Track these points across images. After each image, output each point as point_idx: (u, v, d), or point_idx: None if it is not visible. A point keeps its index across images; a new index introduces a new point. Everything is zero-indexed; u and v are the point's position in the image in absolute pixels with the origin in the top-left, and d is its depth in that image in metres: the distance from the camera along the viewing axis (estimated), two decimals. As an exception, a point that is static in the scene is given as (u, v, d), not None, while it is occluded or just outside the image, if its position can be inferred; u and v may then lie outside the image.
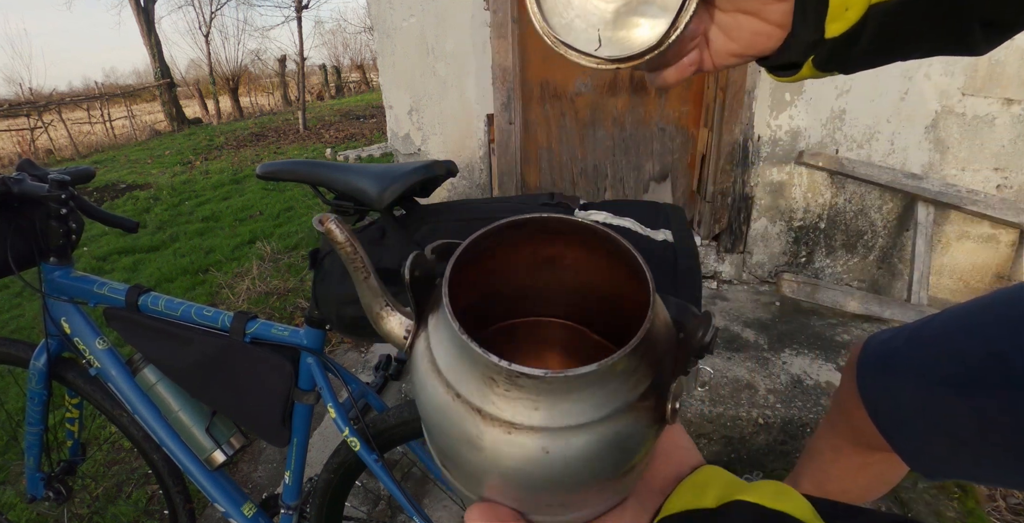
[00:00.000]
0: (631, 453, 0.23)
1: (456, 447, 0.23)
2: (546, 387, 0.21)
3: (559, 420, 0.21)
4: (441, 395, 0.23)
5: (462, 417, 0.22)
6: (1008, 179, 2.09)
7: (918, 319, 0.73)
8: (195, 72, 19.43)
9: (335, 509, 1.04)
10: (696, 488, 0.27)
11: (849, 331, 2.02)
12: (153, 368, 1.01)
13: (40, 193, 0.92)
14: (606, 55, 0.31)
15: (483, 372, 0.21)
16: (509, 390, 0.21)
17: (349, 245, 0.27)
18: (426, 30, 2.32)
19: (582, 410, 0.21)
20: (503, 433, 0.21)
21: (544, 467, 0.22)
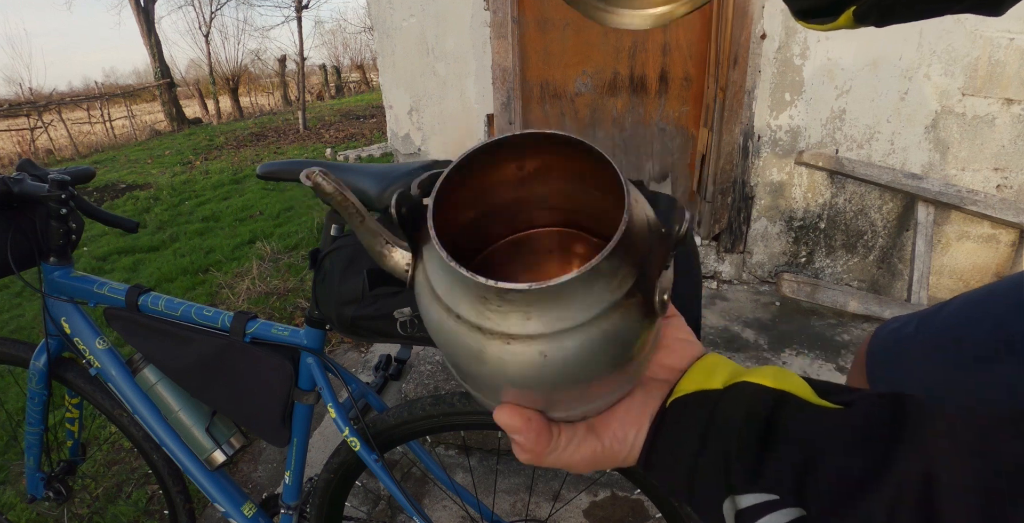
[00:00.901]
0: (626, 347, 0.25)
1: (466, 363, 0.25)
2: (533, 298, 0.22)
3: (551, 326, 0.23)
4: (443, 319, 0.24)
5: (464, 336, 0.24)
6: (1008, 179, 2.09)
7: (928, 307, 0.73)
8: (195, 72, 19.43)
9: (335, 509, 1.04)
10: (704, 372, 0.29)
11: (849, 331, 2.02)
12: (153, 368, 1.01)
13: (40, 193, 0.92)
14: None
15: (475, 292, 0.23)
16: (501, 305, 0.23)
17: (339, 194, 0.28)
18: (426, 30, 2.32)
19: (572, 314, 0.23)
20: (503, 344, 0.23)
21: (545, 370, 0.23)
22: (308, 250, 1.82)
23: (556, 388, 0.25)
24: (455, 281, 0.24)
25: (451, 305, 0.24)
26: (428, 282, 0.25)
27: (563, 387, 0.25)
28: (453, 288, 0.24)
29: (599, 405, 0.29)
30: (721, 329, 2.05)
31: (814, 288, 2.14)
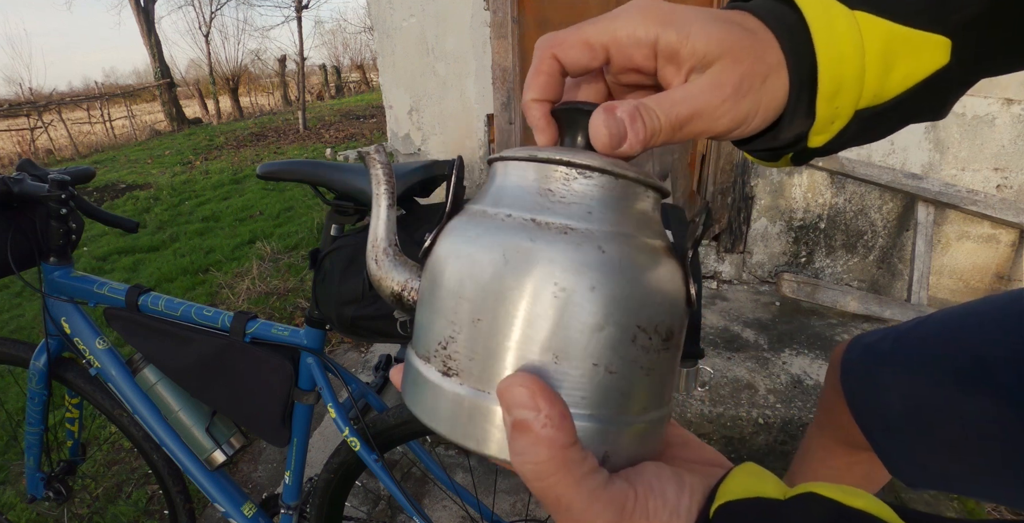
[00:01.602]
0: (672, 303, 0.23)
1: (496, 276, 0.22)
2: (598, 191, 0.23)
3: (610, 225, 0.23)
4: (487, 225, 0.23)
5: (513, 231, 0.22)
6: (1008, 179, 2.09)
7: (905, 322, 0.73)
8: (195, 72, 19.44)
9: (335, 509, 1.04)
10: (753, 476, 0.23)
11: (849, 331, 2.02)
12: (153, 368, 1.01)
13: (40, 193, 0.92)
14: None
15: (540, 187, 0.24)
16: (564, 196, 0.23)
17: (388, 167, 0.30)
18: (426, 30, 2.32)
19: (629, 223, 0.23)
20: (559, 233, 0.22)
21: (601, 268, 0.21)
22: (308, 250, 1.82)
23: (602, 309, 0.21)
24: (518, 181, 0.24)
25: (503, 208, 0.24)
26: (476, 208, 0.25)
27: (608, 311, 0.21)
28: (510, 191, 0.24)
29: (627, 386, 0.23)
30: (721, 329, 2.05)
31: (814, 288, 2.14)
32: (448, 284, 0.23)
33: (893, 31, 0.25)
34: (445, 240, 0.25)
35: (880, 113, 0.27)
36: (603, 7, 2.25)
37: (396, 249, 0.29)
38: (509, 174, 0.25)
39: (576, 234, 0.22)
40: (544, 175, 0.24)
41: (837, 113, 0.27)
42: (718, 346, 1.93)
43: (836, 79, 0.25)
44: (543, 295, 0.21)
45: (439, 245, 0.25)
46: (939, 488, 0.70)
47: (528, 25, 2.30)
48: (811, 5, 0.26)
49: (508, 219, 0.23)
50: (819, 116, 0.27)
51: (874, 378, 0.72)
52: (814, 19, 0.25)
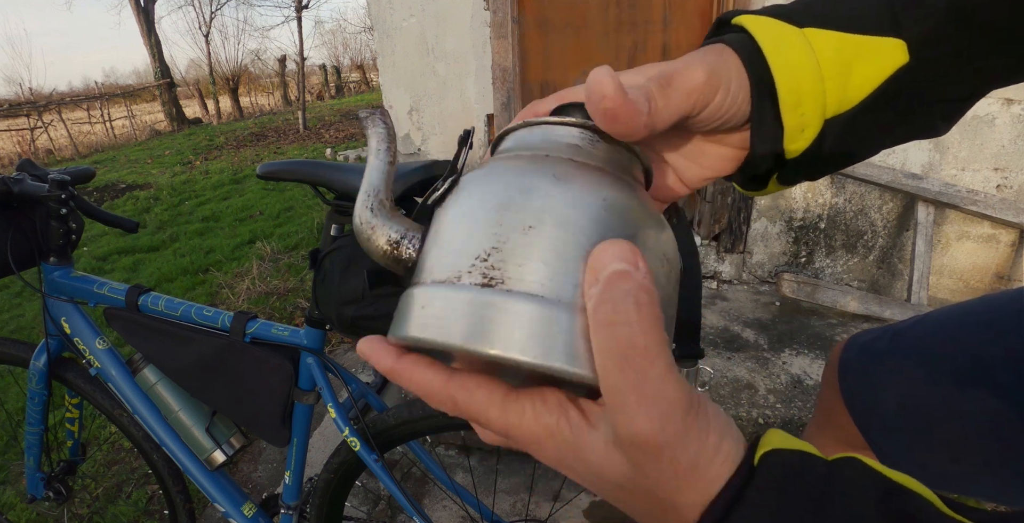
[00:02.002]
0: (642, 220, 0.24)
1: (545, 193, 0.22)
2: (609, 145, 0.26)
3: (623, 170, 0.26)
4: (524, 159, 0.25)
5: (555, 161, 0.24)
6: (1008, 179, 2.09)
7: (902, 320, 0.73)
8: (195, 72, 19.44)
9: (335, 509, 1.04)
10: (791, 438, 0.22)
11: (849, 331, 2.02)
12: (153, 368, 1.01)
13: (40, 193, 0.92)
14: None
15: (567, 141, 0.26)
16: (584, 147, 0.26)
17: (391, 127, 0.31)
18: (426, 30, 2.32)
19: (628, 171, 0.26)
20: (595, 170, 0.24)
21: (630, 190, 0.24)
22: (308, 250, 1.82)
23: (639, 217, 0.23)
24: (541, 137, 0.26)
25: (537, 150, 0.25)
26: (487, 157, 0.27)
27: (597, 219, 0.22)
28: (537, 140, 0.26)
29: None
30: (721, 329, 2.05)
31: (814, 288, 2.14)
32: (487, 202, 0.22)
33: (844, 40, 0.28)
34: (475, 175, 0.25)
35: (852, 120, 0.28)
36: (602, 8, 2.25)
37: (392, 203, 0.28)
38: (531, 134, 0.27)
39: (599, 144, 0.26)
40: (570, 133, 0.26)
41: (805, 121, 0.28)
42: (718, 346, 1.93)
43: (794, 89, 0.27)
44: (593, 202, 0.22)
45: (467, 180, 0.25)
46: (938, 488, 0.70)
47: (528, 25, 2.30)
48: (760, 30, 0.28)
49: (546, 157, 0.24)
50: (787, 125, 0.28)
51: (871, 377, 0.72)
52: (763, 39, 0.28)
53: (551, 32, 2.31)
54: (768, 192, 0.34)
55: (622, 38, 2.28)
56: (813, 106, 0.28)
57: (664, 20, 2.23)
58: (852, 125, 0.29)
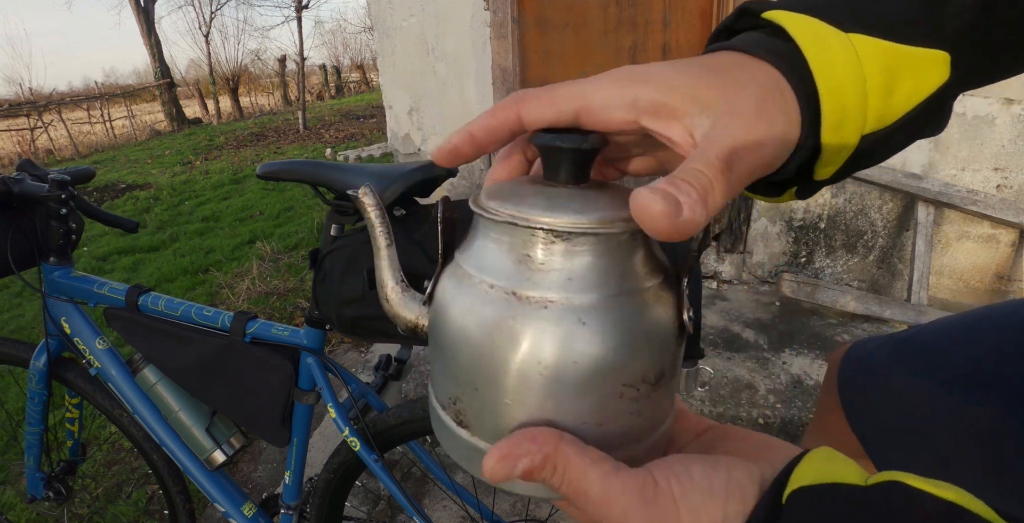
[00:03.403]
0: (662, 345, 0.24)
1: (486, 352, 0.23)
2: (580, 250, 0.23)
3: (591, 290, 0.22)
4: (473, 295, 0.23)
5: (496, 306, 0.23)
6: (1008, 179, 2.09)
7: (904, 330, 0.73)
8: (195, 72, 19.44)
9: (335, 509, 1.04)
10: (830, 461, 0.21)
11: (849, 331, 2.02)
12: (153, 368, 1.01)
13: (40, 193, 0.92)
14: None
15: (517, 252, 0.23)
16: (544, 263, 0.23)
17: (379, 209, 0.29)
18: (426, 30, 2.32)
19: (612, 282, 0.23)
20: (539, 309, 0.22)
21: (582, 341, 0.22)
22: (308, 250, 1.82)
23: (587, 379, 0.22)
24: (497, 249, 0.24)
25: (487, 277, 0.23)
26: (459, 270, 0.25)
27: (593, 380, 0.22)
28: (492, 258, 0.24)
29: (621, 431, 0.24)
30: (721, 329, 2.05)
31: (814, 288, 2.14)
32: (446, 351, 0.25)
33: (892, 51, 0.24)
34: (439, 300, 0.25)
35: (885, 136, 0.26)
36: (602, 8, 2.25)
37: (404, 285, 0.29)
38: (489, 232, 0.25)
39: (556, 308, 0.22)
40: (522, 240, 0.23)
41: (844, 143, 0.25)
42: (718, 346, 1.93)
43: (839, 109, 0.24)
44: (529, 372, 0.22)
45: (435, 303, 0.26)
46: None
47: (528, 25, 2.30)
48: (803, 33, 0.24)
49: (491, 291, 0.23)
50: (825, 147, 0.25)
51: (870, 386, 0.71)
52: (810, 50, 0.24)
53: (551, 32, 2.31)
54: (783, 201, 0.32)
55: (622, 38, 2.28)
56: (854, 127, 0.25)
57: (664, 20, 2.23)
58: (883, 141, 0.26)
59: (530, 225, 0.22)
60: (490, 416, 0.24)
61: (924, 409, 0.64)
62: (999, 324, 0.60)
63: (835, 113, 0.24)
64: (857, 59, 0.24)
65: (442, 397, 0.26)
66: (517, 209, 0.23)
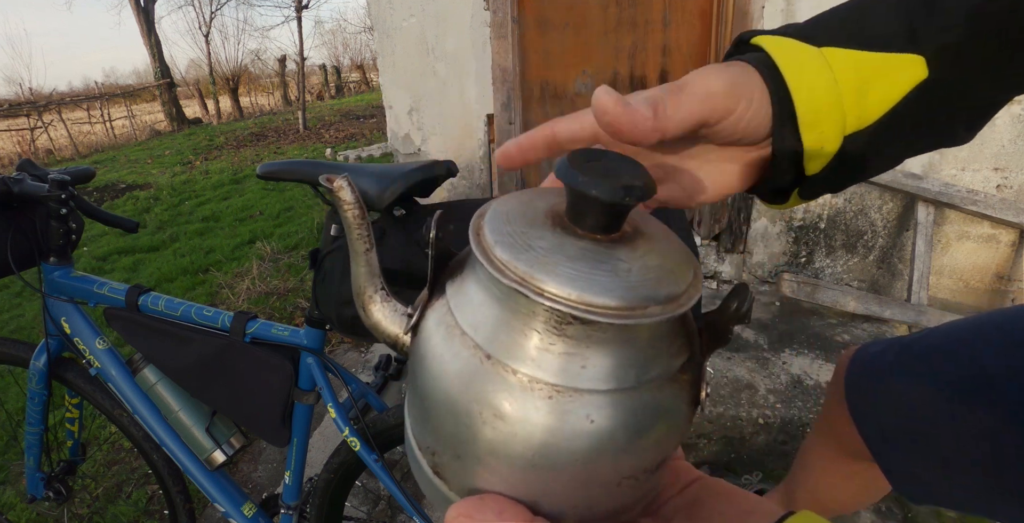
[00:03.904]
0: (673, 434, 0.21)
1: (469, 425, 0.20)
2: (602, 338, 0.19)
3: (607, 381, 0.19)
4: (464, 360, 0.20)
5: (490, 382, 0.19)
6: (1008, 179, 2.09)
7: (912, 333, 0.73)
8: (195, 72, 19.43)
9: (335, 509, 1.04)
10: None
11: (849, 331, 2.02)
12: (153, 368, 1.01)
13: (40, 193, 0.92)
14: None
15: (524, 323, 0.19)
16: (554, 343, 0.19)
17: (358, 207, 0.24)
18: (426, 30, 2.32)
19: (630, 372, 0.19)
20: (542, 398, 0.19)
21: (585, 439, 0.19)
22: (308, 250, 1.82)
23: (581, 471, 0.19)
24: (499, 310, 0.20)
25: (482, 342, 0.20)
26: (451, 317, 0.21)
27: (592, 471, 0.20)
28: (491, 320, 0.20)
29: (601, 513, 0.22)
30: (721, 329, 2.05)
31: (814, 288, 2.14)
32: (426, 403, 0.22)
33: (862, 58, 0.28)
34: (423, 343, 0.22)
35: (872, 135, 0.28)
36: (602, 8, 2.25)
37: (384, 294, 0.26)
38: (493, 289, 0.20)
39: (562, 399, 0.19)
40: (532, 311, 0.19)
41: (824, 139, 0.28)
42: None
43: (812, 108, 0.28)
44: (518, 457, 0.19)
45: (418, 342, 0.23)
46: (941, 504, 0.69)
47: (528, 25, 2.30)
48: (779, 51, 0.28)
49: (487, 362, 0.19)
50: (806, 143, 0.28)
51: (877, 388, 0.71)
52: (781, 59, 0.28)
53: (551, 32, 2.31)
54: (790, 206, 0.34)
55: (622, 38, 2.28)
56: (832, 124, 0.28)
57: (664, 20, 2.23)
58: (872, 140, 0.29)
59: (546, 301, 0.18)
60: (468, 481, 0.21)
61: (927, 410, 0.64)
62: (1005, 327, 0.60)
63: (810, 112, 0.28)
64: (828, 66, 0.28)
65: (419, 439, 0.24)
66: (530, 271, 0.18)
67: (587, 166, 0.20)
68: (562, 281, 0.18)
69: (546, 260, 0.19)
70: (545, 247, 0.19)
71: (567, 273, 0.18)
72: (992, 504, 0.60)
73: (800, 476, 0.96)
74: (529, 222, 0.21)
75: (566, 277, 0.18)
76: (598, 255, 0.20)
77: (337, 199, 0.24)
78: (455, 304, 0.21)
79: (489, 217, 0.22)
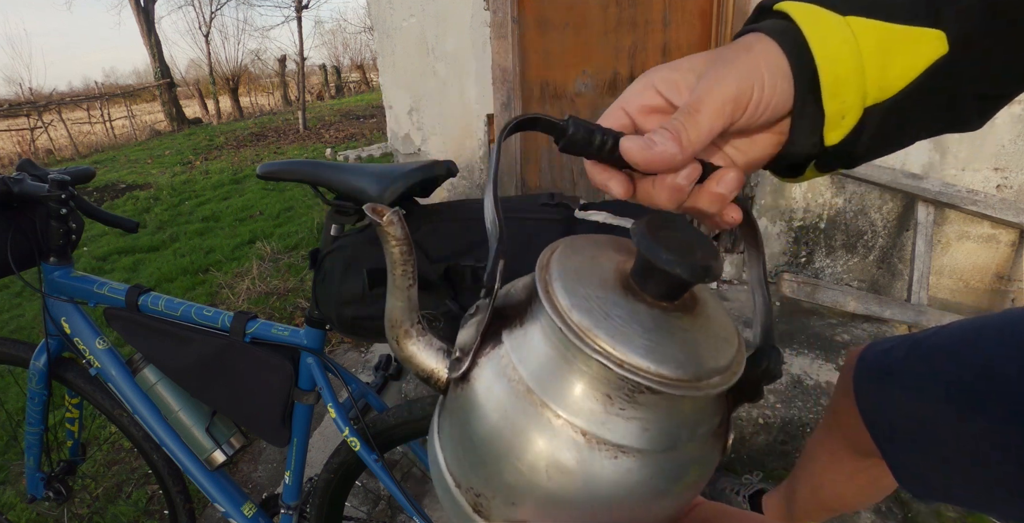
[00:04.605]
0: (705, 477, 0.23)
1: (531, 478, 0.21)
2: (665, 404, 0.20)
3: (663, 442, 0.20)
4: (530, 417, 0.21)
5: (557, 439, 0.20)
6: (1008, 179, 2.09)
7: (921, 331, 0.73)
8: (195, 72, 19.42)
9: (335, 509, 1.04)
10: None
11: (849, 331, 2.02)
12: (153, 368, 1.01)
13: (40, 193, 0.92)
14: None
15: (596, 388, 0.20)
16: (624, 409, 0.20)
17: (406, 244, 0.25)
18: (426, 30, 2.32)
19: (683, 432, 0.21)
20: (608, 458, 0.20)
21: (640, 491, 0.20)
22: (308, 250, 1.82)
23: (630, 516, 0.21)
24: (573, 371, 0.21)
25: (552, 402, 0.20)
26: (513, 371, 0.22)
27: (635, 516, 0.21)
28: (564, 380, 0.21)
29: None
30: (721, 329, 2.06)
31: (814, 288, 2.14)
32: (483, 457, 0.22)
33: (886, 29, 0.28)
34: (479, 391, 0.23)
35: (891, 109, 0.29)
36: (602, 8, 2.25)
37: (419, 329, 0.26)
38: (567, 352, 0.21)
39: (626, 460, 0.20)
40: (607, 379, 0.20)
41: (845, 108, 0.28)
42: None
43: (836, 76, 0.27)
44: (575, 511, 0.21)
45: (471, 389, 0.23)
46: (944, 501, 0.70)
47: (528, 25, 2.30)
48: (804, 17, 0.28)
49: (556, 421, 0.20)
50: (828, 111, 0.28)
51: (886, 385, 0.71)
52: (807, 26, 0.28)
53: (551, 32, 2.31)
54: (804, 179, 0.34)
55: (622, 38, 2.28)
56: (854, 93, 0.28)
57: (664, 20, 2.23)
58: (891, 114, 0.29)
59: (626, 374, 0.19)
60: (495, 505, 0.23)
61: (931, 408, 0.64)
62: (1014, 327, 0.60)
63: (832, 81, 0.28)
64: (852, 35, 0.27)
65: (461, 479, 0.24)
66: (612, 341, 0.20)
67: (662, 236, 0.22)
68: (641, 353, 0.20)
69: (626, 330, 0.20)
70: (622, 316, 0.21)
71: (644, 345, 0.20)
72: (992, 502, 0.61)
73: (804, 473, 0.96)
74: (601, 284, 0.22)
75: (644, 349, 0.20)
76: (668, 325, 0.21)
77: (384, 233, 0.24)
78: (518, 358, 0.22)
79: (558, 274, 0.22)
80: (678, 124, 0.27)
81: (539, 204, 0.75)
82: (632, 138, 0.27)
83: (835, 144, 0.30)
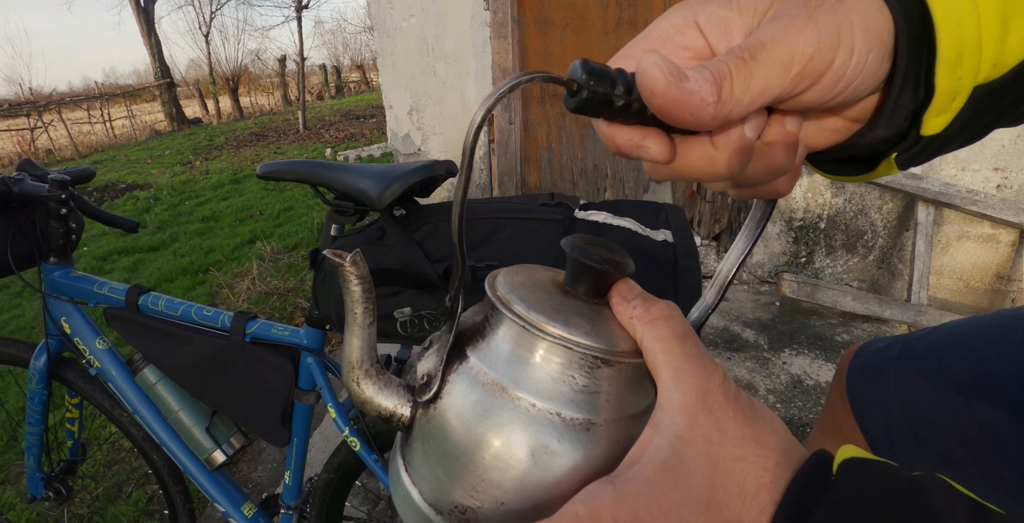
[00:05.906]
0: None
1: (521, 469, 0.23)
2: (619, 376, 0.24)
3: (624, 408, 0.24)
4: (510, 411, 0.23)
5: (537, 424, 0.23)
6: (1008, 179, 2.09)
7: (916, 330, 0.73)
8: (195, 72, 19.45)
9: (335, 509, 1.04)
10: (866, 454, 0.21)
11: (849, 331, 2.02)
12: (153, 368, 1.01)
13: (40, 193, 0.92)
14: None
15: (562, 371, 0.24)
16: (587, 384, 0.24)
17: (367, 282, 0.26)
18: (426, 30, 2.33)
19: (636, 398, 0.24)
20: (583, 431, 0.23)
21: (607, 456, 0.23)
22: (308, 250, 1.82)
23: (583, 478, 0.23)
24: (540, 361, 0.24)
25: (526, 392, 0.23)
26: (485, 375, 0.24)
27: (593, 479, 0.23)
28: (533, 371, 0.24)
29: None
30: (721, 329, 2.05)
31: (814, 288, 2.14)
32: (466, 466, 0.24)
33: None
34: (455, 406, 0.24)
35: (994, 92, 0.22)
36: (602, 8, 2.25)
37: (378, 368, 0.28)
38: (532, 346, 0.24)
39: (598, 429, 0.23)
40: (569, 361, 0.24)
41: (959, 86, 0.22)
42: (718, 346, 1.93)
43: (957, 42, 0.20)
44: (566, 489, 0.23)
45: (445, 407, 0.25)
46: None
47: (528, 25, 2.30)
48: None
49: (533, 409, 0.23)
50: (940, 89, 0.21)
51: (879, 384, 0.71)
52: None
53: (551, 32, 2.31)
54: (870, 178, 0.27)
55: (622, 38, 2.28)
56: (970, 68, 0.21)
57: (664, 20, 2.23)
58: (991, 100, 0.23)
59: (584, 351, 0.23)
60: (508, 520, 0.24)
61: (927, 407, 0.64)
62: (1007, 327, 0.60)
63: (953, 46, 0.21)
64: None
65: (442, 504, 0.25)
66: (567, 328, 0.24)
67: (587, 247, 0.26)
68: (590, 335, 0.24)
69: (573, 319, 0.24)
70: (568, 311, 0.25)
71: (590, 328, 0.24)
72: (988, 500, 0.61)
73: None
74: (543, 290, 0.27)
75: (591, 331, 0.24)
76: (602, 314, 0.26)
77: (345, 273, 0.26)
78: (488, 365, 0.25)
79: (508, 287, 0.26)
80: (723, 68, 0.20)
81: (539, 204, 0.75)
82: (658, 60, 0.19)
83: (936, 133, 0.23)
